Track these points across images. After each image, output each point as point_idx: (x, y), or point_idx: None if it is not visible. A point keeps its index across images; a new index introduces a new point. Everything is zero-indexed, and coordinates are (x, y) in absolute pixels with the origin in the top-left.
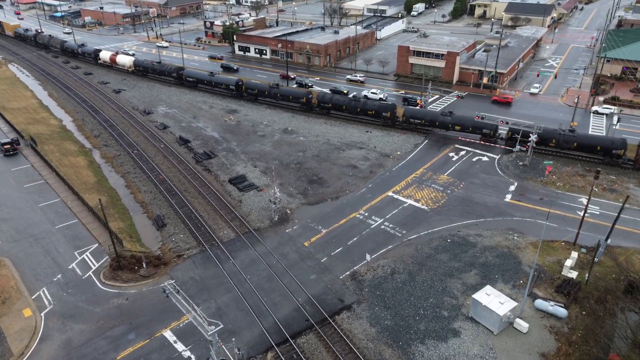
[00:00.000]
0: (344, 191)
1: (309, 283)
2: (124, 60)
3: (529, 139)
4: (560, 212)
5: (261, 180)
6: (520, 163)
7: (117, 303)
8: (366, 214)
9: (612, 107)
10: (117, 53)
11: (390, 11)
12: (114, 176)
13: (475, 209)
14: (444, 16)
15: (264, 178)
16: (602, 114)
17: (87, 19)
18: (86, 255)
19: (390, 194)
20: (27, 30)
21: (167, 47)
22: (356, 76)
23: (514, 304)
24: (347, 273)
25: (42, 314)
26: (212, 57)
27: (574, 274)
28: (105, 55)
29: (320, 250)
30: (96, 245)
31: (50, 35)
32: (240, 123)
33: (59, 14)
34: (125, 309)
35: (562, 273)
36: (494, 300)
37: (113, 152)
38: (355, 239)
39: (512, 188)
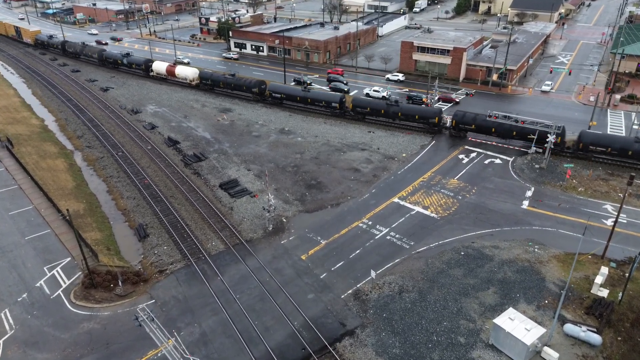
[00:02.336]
0: (345, 197)
1: (306, 304)
2: (186, 72)
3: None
4: (584, 221)
5: (255, 184)
6: (537, 166)
7: (88, 328)
8: (370, 222)
9: (399, 74)
10: (175, 63)
11: (391, 7)
12: (95, 180)
13: (490, 217)
14: (447, 12)
15: (258, 182)
16: (392, 80)
17: (79, 15)
18: (57, 270)
19: (395, 200)
20: (51, 36)
21: (96, 34)
22: (230, 54)
23: (542, 330)
24: (350, 291)
25: (1, 341)
26: (113, 39)
27: (604, 293)
28: (160, 66)
29: (319, 264)
30: (69, 259)
31: (84, 43)
32: (234, 123)
33: (50, 11)
34: (97, 334)
35: (591, 291)
36: (519, 326)
37: (96, 154)
38: (358, 251)
39: (529, 193)
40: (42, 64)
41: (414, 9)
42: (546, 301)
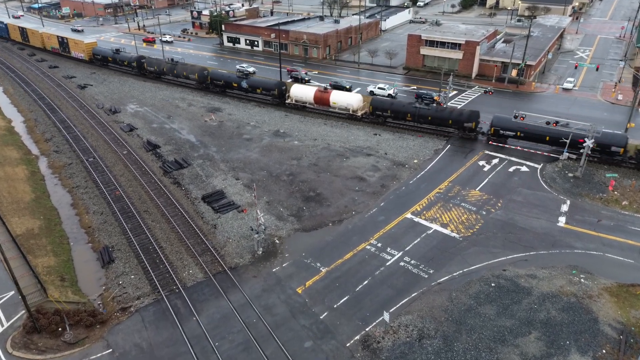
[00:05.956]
0: (349, 212)
1: (303, 355)
2: (349, 99)
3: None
4: (634, 243)
5: (244, 197)
6: (570, 175)
7: None
8: (379, 244)
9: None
10: (327, 88)
11: (395, 1)
12: (59, 191)
13: (522, 237)
14: (453, 6)
15: (248, 194)
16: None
17: (65, 9)
18: None
19: (408, 216)
20: (118, 50)
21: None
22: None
23: None
24: (357, 337)
25: None
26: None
27: None
28: (302, 92)
29: (319, 300)
30: (12, 292)
31: (172, 59)
32: (223, 124)
33: (36, 5)
34: None
35: None
36: None
37: (64, 159)
38: (366, 282)
39: (564, 208)
40: (18, 59)
41: (418, 3)
42: (604, 350)
